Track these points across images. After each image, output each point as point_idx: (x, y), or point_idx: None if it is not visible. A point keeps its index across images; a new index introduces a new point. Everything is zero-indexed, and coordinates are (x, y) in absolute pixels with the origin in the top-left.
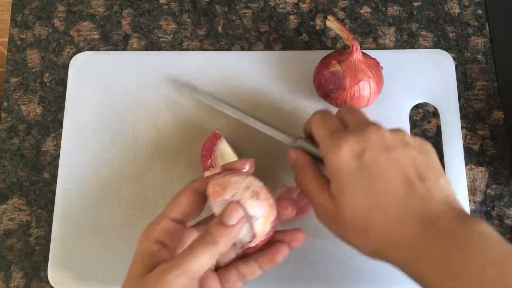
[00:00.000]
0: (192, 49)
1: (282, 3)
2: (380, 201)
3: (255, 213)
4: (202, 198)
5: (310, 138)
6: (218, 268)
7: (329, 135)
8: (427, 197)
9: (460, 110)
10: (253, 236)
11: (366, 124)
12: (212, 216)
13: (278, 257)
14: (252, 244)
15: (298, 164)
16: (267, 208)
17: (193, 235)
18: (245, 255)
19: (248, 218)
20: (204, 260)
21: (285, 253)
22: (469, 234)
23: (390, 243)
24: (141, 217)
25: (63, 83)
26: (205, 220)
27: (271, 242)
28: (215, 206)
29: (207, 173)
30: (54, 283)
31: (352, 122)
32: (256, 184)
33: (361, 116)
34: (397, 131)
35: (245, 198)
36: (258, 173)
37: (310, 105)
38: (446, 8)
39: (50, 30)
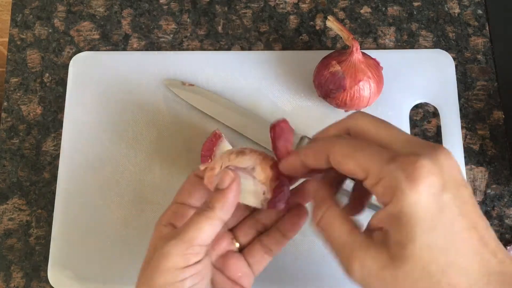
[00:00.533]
0: (192, 49)
1: (282, 3)
2: (458, 255)
3: (247, 164)
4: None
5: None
6: (242, 249)
7: (386, 159)
8: (497, 248)
9: (460, 110)
10: (262, 187)
11: (427, 144)
12: None
13: (299, 220)
14: (268, 196)
15: (319, 202)
16: (258, 156)
17: None
18: (267, 229)
19: (246, 173)
20: (202, 227)
21: (304, 214)
22: None
23: None
24: (141, 217)
25: (63, 83)
26: None
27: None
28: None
29: (201, 166)
30: (54, 283)
31: (399, 139)
32: (239, 147)
33: (401, 130)
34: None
35: (232, 160)
36: None
37: (310, 105)
38: (446, 8)
39: (50, 30)
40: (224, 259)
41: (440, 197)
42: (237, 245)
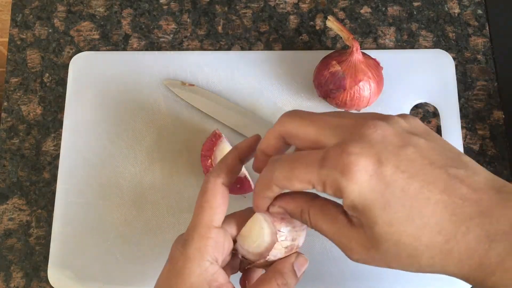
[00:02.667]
0: (192, 49)
1: (282, 3)
2: (425, 217)
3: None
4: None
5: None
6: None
7: (318, 165)
8: (474, 187)
9: (460, 110)
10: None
11: (352, 124)
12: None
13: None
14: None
15: (298, 213)
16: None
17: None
18: None
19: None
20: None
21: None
22: None
23: (450, 260)
24: (141, 217)
25: (63, 83)
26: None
27: None
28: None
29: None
30: (54, 283)
31: (326, 130)
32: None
33: (325, 117)
34: (389, 118)
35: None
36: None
37: (310, 105)
38: (446, 8)
39: (50, 30)
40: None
41: (380, 174)
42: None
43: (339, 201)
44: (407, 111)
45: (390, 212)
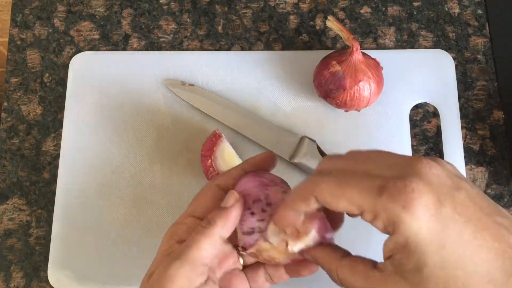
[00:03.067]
0: (192, 49)
1: (282, 3)
2: (477, 264)
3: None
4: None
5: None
6: (246, 267)
7: (376, 192)
8: None
9: (460, 110)
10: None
11: (406, 161)
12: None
13: (303, 272)
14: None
15: (328, 270)
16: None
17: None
18: None
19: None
20: (204, 246)
21: (312, 270)
22: None
23: None
24: (141, 217)
25: (63, 83)
26: None
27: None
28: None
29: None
30: (54, 283)
31: (380, 166)
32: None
33: (375, 153)
34: (437, 160)
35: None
36: None
37: (310, 105)
38: (446, 8)
39: (50, 30)
40: (230, 276)
41: (439, 214)
42: (242, 262)
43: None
44: (407, 111)
45: (443, 254)
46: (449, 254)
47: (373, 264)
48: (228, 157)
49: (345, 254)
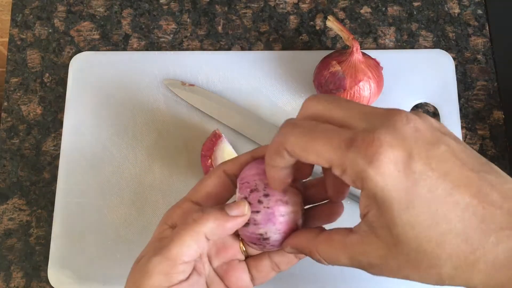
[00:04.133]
0: (192, 49)
1: (282, 3)
2: (451, 223)
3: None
4: (232, 183)
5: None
6: (248, 257)
7: (344, 145)
8: (506, 195)
9: (460, 110)
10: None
11: (383, 113)
12: None
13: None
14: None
15: (305, 250)
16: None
17: None
18: None
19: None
20: (188, 243)
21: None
22: None
23: (475, 272)
24: (141, 217)
25: (63, 83)
26: None
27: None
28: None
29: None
30: (54, 283)
31: (355, 115)
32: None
33: (355, 104)
34: (421, 114)
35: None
36: None
37: None
38: (446, 8)
39: (50, 30)
40: (227, 267)
41: (408, 169)
42: (244, 254)
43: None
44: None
45: (413, 213)
46: (420, 213)
47: (349, 230)
48: (228, 157)
49: (320, 231)
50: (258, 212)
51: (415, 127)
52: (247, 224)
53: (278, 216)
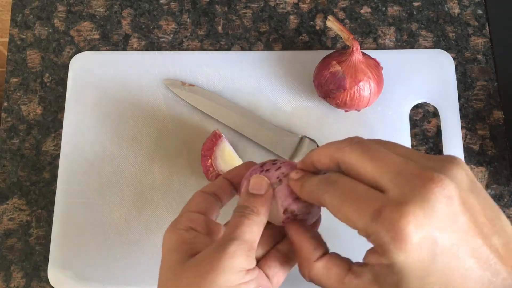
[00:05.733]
0: (192, 49)
1: (282, 3)
2: None
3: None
4: (215, 198)
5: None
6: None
7: (371, 217)
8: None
9: (460, 110)
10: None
11: (417, 175)
12: None
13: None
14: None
15: (301, 261)
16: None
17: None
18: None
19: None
20: (254, 230)
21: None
22: None
23: None
24: (141, 217)
25: (63, 83)
26: None
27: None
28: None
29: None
30: (54, 283)
31: (386, 174)
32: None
33: (388, 157)
34: (454, 173)
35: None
36: None
37: (310, 105)
38: (446, 8)
39: (50, 30)
40: None
41: (431, 247)
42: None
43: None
44: (407, 111)
45: (427, 281)
46: (433, 282)
47: (348, 267)
48: (228, 157)
49: (320, 251)
50: (279, 168)
51: (449, 196)
52: (279, 182)
53: (275, 178)
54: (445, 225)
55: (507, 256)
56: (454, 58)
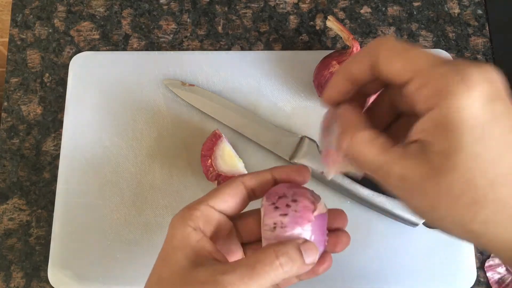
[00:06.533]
0: (192, 49)
1: (282, 3)
2: (510, 168)
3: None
4: (248, 196)
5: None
6: None
7: (440, 62)
8: None
9: None
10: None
11: (473, 63)
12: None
13: (319, 270)
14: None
15: (345, 127)
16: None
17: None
18: None
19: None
20: (268, 281)
21: (327, 262)
22: None
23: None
24: (141, 217)
25: (63, 83)
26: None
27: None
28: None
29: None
30: (54, 283)
31: (438, 61)
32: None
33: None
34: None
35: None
36: None
37: (310, 105)
38: (446, 8)
39: (50, 30)
40: None
41: (493, 106)
42: None
43: None
44: None
45: (481, 146)
46: (488, 148)
47: (394, 144)
48: (228, 157)
49: (365, 126)
50: (285, 215)
51: (500, 79)
52: (273, 229)
53: (305, 220)
54: (501, 97)
55: None
56: (454, 58)
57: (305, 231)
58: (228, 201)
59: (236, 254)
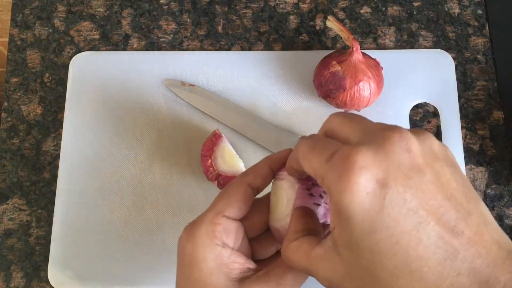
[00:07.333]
0: (192, 49)
1: (282, 3)
2: (409, 257)
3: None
4: (254, 195)
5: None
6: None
7: (326, 158)
8: (476, 243)
9: (460, 110)
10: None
11: (380, 128)
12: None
13: None
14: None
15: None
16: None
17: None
18: None
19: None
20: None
21: None
22: None
23: None
24: (141, 217)
25: (63, 83)
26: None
27: None
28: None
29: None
30: (54, 283)
31: (356, 131)
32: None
33: (365, 121)
34: (422, 135)
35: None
36: None
37: (310, 105)
38: (446, 8)
39: (50, 30)
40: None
41: (378, 194)
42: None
43: None
44: (407, 111)
45: (374, 239)
46: (380, 240)
47: (318, 241)
48: (228, 157)
49: (304, 234)
50: (319, 205)
51: (407, 148)
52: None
53: None
54: (399, 176)
55: (477, 238)
56: (454, 58)
57: None
58: (242, 208)
59: (249, 251)
